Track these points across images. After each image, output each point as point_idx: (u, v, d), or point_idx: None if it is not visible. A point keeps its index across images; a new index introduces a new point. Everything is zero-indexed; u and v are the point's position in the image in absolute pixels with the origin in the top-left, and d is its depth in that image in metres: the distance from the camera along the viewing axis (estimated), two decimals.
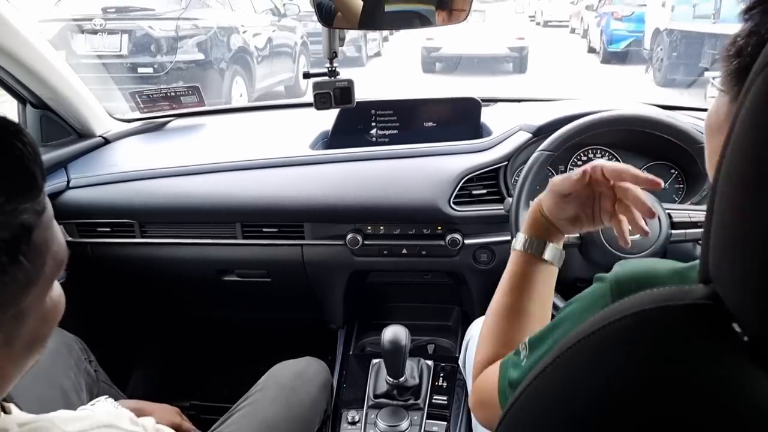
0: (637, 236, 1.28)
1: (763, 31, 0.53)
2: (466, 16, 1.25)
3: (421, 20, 1.27)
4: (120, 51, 5.32)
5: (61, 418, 0.62)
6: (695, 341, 0.42)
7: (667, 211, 1.31)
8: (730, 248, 0.41)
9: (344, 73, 1.34)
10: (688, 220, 1.32)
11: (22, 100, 1.65)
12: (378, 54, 12.37)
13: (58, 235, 0.61)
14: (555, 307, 1.31)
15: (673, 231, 1.30)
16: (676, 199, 1.55)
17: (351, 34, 9.71)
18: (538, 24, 19.10)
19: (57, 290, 0.63)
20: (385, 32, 13.35)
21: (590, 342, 0.48)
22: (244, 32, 6.37)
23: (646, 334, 0.44)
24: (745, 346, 0.40)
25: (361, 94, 1.57)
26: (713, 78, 0.70)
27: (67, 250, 0.62)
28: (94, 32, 5.29)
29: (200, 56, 5.69)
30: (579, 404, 0.48)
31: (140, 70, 5.44)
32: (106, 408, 1.20)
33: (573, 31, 15.83)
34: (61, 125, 1.71)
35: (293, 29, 7.75)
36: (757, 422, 0.40)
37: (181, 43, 5.59)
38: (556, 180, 0.96)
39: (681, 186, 1.55)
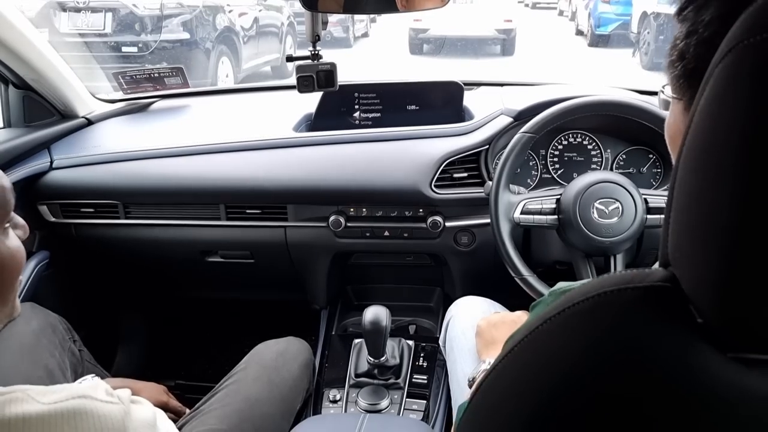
0: (614, 219, 1.31)
1: (700, 29, 0.51)
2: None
3: (406, 4, 1.27)
4: (103, 29, 5.21)
5: (36, 390, 0.64)
6: (652, 322, 0.43)
7: (644, 196, 1.34)
8: (687, 233, 0.42)
9: (331, 55, 1.34)
10: (664, 205, 1.34)
11: (4, 80, 1.64)
12: (365, 35, 12.25)
13: (2, 181, 0.62)
14: (535, 290, 1.35)
15: (649, 216, 1.32)
16: (654, 183, 1.57)
17: (338, 15, 9.60)
18: (526, 6, 18.98)
19: (14, 241, 0.64)
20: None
21: (554, 323, 0.49)
22: (230, 12, 6.26)
23: (606, 314, 0.46)
24: (699, 328, 0.42)
25: (348, 76, 1.58)
26: (663, 86, 0.70)
27: (13, 195, 0.64)
28: (77, 10, 5.18)
29: (185, 36, 5.58)
30: (543, 382, 0.50)
31: (124, 49, 5.31)
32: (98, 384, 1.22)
33: (561, 13, 15.76)
34: (44, 106, 1.70)
35: (280, 9, 7.64)
36: (706, 400, 0.42)
37: (166, 22, 5.47)
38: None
39: (659, 171, 1.57)
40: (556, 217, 1.36)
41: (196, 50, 5.71)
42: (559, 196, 1.38)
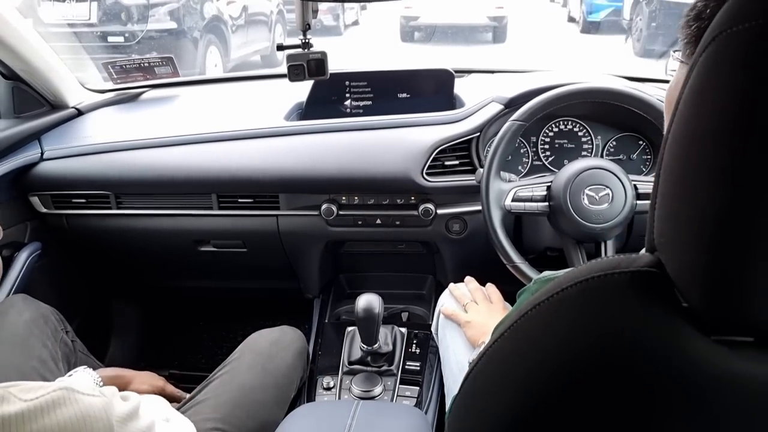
0: (604, 206, 1.32)
1: None
2: None
3: None
4: (89, 19, 5.10)
5: (20, 387, 0.64)
6: (638, 306, 0.44)
7: (634, 182, 1.34)
8: (671, 219, 0.43)
9: (322, 43, 1.34)
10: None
11: None
12: (356, 23, 12.10)
13: None
14: (526, 277, 1.35)
15: (639, 202, 1.33)
16: (644, 170, 1.58)
17: (329, 3, 9.47)
18: None
19: None
20: None
21: (544, 307, 0.50)
22: (217, 0, 6.17)
23: (594, 299, 0.47)
24: (684, 312, 0.43)
25: (338, 64, 1.57)
26: (674, 51, 0.69)
27: None
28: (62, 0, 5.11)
29: (173, 25, 5.49)
30: (533, 365, 0.51)
31: (110, 39, 5.15)
32: (83, 377, 1.22)
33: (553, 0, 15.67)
34: (33, 96, 1.69)
35: None
36: (691, 381, 0.43)
37: (152, 11, 5.37)
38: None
39: (648, 158, 1.58)
40: (546, 204, 1.37)
41: (183, 40, 5.60)
42: (549, 183, 1.38)
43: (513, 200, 1.38)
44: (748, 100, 0.36)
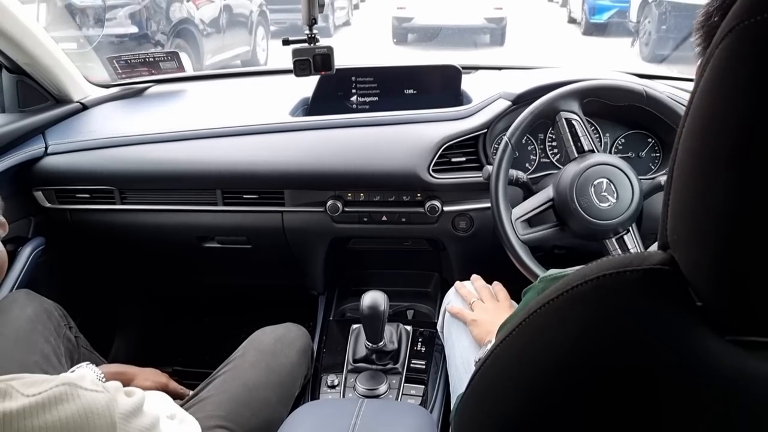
0: (606, 206, 1.30)
1: None
2: None
3: None
4: (36, 23, 4.65)
5: (22, 381, 0.64)
6: (651, 305, 0.44)
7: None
8: (685, 215, 0.42)
9: None
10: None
11: None
12: (347, 23, 11.81)
13: None
14: (534, 274, 1.34)
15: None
16: (653, 167, 1.57)
17: None
18: None
19: None
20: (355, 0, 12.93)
21: (554, 306, 0.50)
22: (187, 0, 5.68)
23: (605, 297, 0.46)
24: (698, 311, 0.42)
25: None
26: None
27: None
28: None
29: (134, 29, 4.99)
30: (542, 364, 0.51)
31: (62, 45, 4.80)
32: (86, 373, 1.21)
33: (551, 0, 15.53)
34: (38, 91, 1.69)
35: None
36: (705, 382, 0.42)
37: (110, 14, 4.80)
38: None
39: (657, 155, 1.57)
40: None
41: (147, 45, 5.13)
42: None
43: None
44: (764, 92, 0.35)
